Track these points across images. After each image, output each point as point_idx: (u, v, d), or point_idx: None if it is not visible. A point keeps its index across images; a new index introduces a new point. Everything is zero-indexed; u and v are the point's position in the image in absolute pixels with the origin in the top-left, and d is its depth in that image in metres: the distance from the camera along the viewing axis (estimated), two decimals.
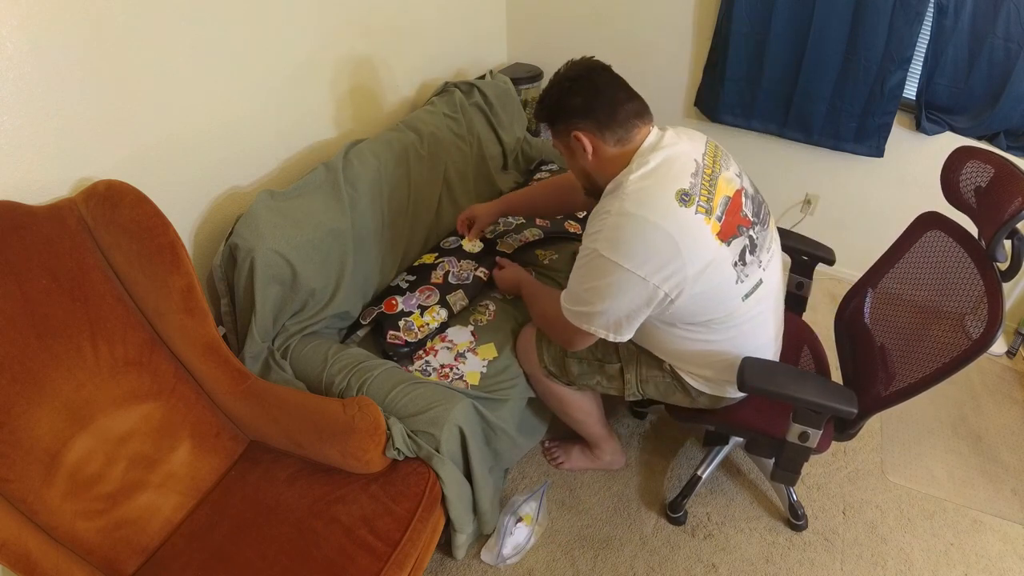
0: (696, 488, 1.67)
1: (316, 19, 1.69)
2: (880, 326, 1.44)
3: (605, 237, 1.11)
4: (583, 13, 2.48)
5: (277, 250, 1.42)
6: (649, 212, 1.09)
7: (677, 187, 1.11)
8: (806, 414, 1.24)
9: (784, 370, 1.24)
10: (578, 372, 1.45)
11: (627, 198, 1.11)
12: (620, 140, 1.18)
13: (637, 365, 1.41)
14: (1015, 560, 1.62)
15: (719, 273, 1.14)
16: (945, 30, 1.91)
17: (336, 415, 1.27)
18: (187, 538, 1.24)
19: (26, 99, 1.13)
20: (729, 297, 1.19)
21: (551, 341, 1.47)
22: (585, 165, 1.23)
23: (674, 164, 1.14)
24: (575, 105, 1.18)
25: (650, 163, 1.14)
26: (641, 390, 1.44)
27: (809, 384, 1.24)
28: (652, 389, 1.43)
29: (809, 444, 1.28)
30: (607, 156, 1.19)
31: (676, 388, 1.40)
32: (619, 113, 1.17)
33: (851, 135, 2.17)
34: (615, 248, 1.10)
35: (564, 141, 1.23)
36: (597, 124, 1.17)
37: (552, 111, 1.22)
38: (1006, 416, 2.03)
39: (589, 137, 1.18)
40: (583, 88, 1.18)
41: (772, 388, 1.21)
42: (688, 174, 1.13)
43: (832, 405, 1.20)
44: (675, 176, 1.12)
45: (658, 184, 1.11)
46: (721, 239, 1.13)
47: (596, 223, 1.15)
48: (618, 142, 1.18)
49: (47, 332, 1.13)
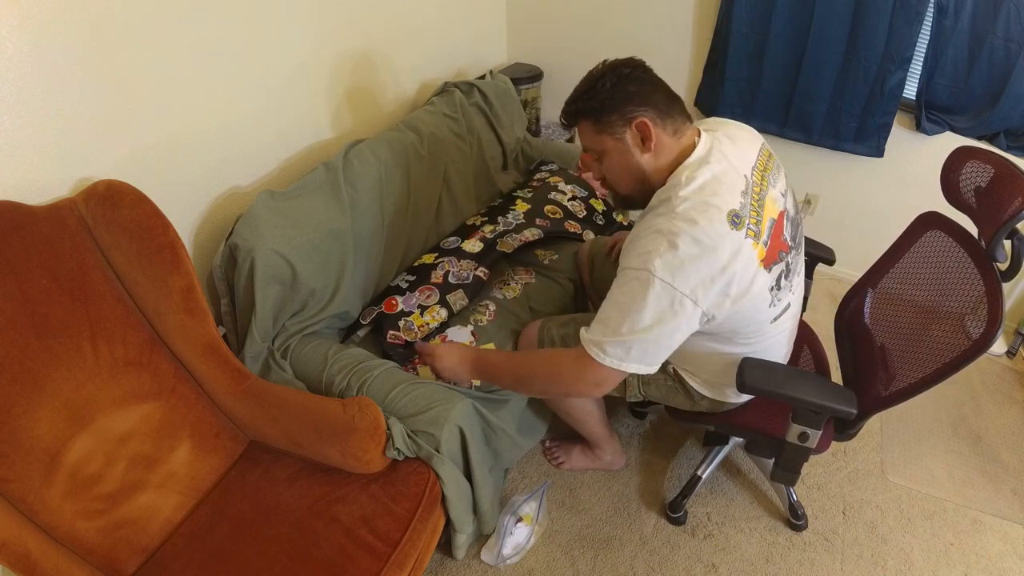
0: (696, 488, 1.67)
1: (316, 19, 1.69)
2: (880, 326, 1.44)
3: (662, 259, 1.03)
4: (583, 13, 2.48)
5: (277, 250, 1.42)
6: (704, 235, 1.03)
7: (729, 208, 1.05)
8: (805, 414, 1.24)
9: (783, 370, 1.24)
10: None
11: (678, 217, 1.05)
12: (676, 131, 1.13)
13: None
14: (1015, 560, 1.62)
15: (757, 297, 1.12)
16: (945, 30, 1.91)
17: (336, 415, 1.27)
18: (187, 538, 1.24)
19: (26, 99, 1.13)
20: (759, 320, 1.18)
21: (553, 342, 1.46)
22: (639, 162, 1.14)
23: (724, 181, 1.08)
24: (634, 92, 1.11)
25: (698, 179, 1.08)
26: (643, 392, 1.43)
27: (808, 384, 1.24)
28: (654, 391, 1.43)
29: (809, 444, 1.28)
30: (665, 148, 1.13)
31: (678, 391, 1.40)
32: (675, 103, 1.13)
33: (851, 135, 2.17)
34: (673, 271, 1.03)
35: (616, 134, 1.13)
36: (657, 112, 1.11)
37: (605, 100, 1.12)
38: (1006, 416, 2.03)
39: (652, 124, 1.10)
40: (639, 76, 1.12)
41: (771, 388, 1.21)
42: (738, 192, 1.08)
43: (831, 405, 1.20)
44: (725, 195, 1.07)
45: (709, 204, 1.05)
46: (764, 265, 1.10)
47: (646, 242, 1.06)
48: (675, 132, 1.13)
49: (47, 332, 1.13)
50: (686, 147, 1.14)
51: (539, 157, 2.37)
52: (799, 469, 1.38)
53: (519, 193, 2.07)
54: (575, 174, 2.22)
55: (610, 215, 2.08)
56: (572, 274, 1.88)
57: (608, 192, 1.26)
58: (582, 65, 2.90)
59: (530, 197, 2.03)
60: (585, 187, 2.12)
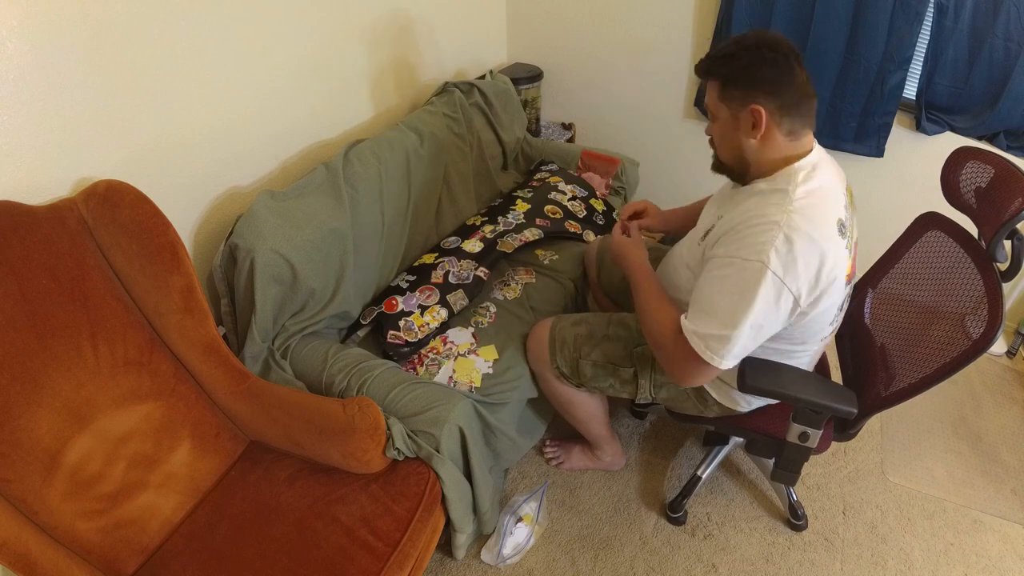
0: (696, 488, 1.67)
1: (316, 19, 1.69)
2: (880, 326, 1.44)
3: (777, 252, 1.01)
4: (583, 13, 2.48)
5: (277, 250, 1.42)
6: (818, 234, 1.03)
7: (838, 215, 1.06)
8: (806, 414, 1.24)
9: (784, 370, 1.24)
10: (591, 375, 1.44)
11: (795, 212, 1.03)
12: (792, 132, 1.09)
13: (652, 371, 1.40)
14: (1015, 560, 1.62)
15: (831, 310, 1.13)
16: (945, 30, 1.91)
17: (336, 415, 1.27)
18: (187, 538, 1.24)
19: (26, 99, 1.13)
20: (816, 333, 1.19)
21: (565, 342, 1.45)
22: (744, 142, 1.12)
23: (834, 191, 1.10)
24: (765, 77, 1.06)
25: (813, 181, 1.07)
26: (653, 394, 1.42)
27: (809, 384, 1.23)
28: (665, 394, 1.42)
29: (809, 444, 1.28)
30: (774, 143, 1.10)
31: (689, 395, 1.39)
32: (803, 105, 1.08)
33: (851, 135, 2.17)
34: (786, 265, 1.01)
35: (732, 108, 1.11)
36: (781, 106, 1.07)
37: (737, 72, 1.08)
38: (1006, 416, 2.03)
39: (768, 117, 1.07)
40: (779, 63, 1.06)
41: (772, 388, 1.20)
42: (843, 204, 1.10)
43: (832, 405, 1.20)
44: (836, 204, 1.08)
45: (824, 205, 1.06)
46: (847, 280, 1.12)
47: (757, 232, 1.04)
48: (790, 134, 1.09)
49: (47, 332, 1.13)
50: (800, 152, 1.11)
51: (539, 157, 2.37)
52: (799, 469, 1.38)
53: (519, 193, 2.07)
54: (575, 174, 2.22)
55: (610, 215, 2.08)
56: (572, 274, 1.88)
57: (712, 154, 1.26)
58: (582, 65, 2.92)
59: (530, 197, 2.03)
60: (585, 187, 2.12)
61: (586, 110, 2.72)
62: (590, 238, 1.94)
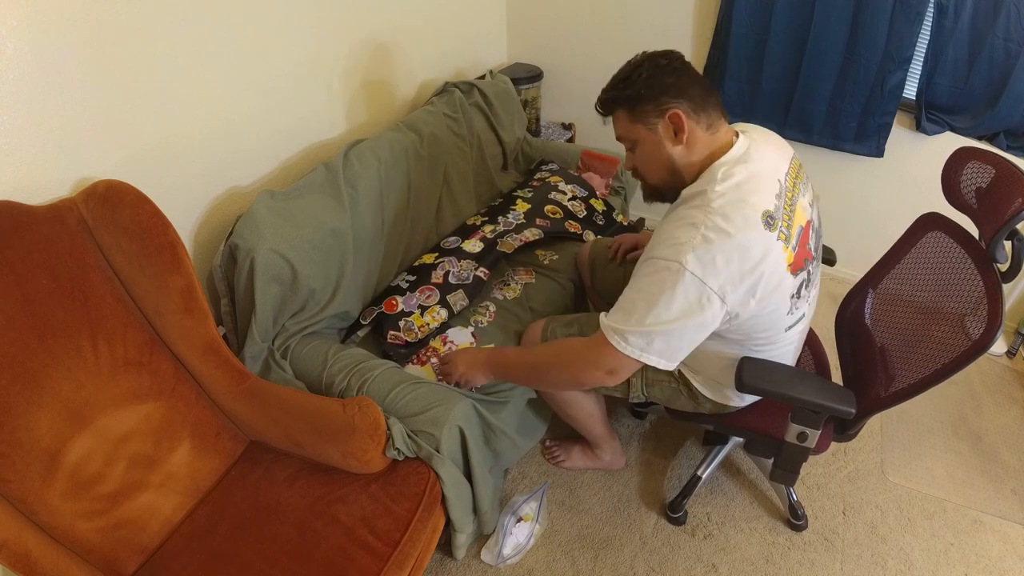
0: (696, 488, 1.67)
1: (316, 19, 1.69)
2: (880, 327, 1.44)
3: (695, 253, 1.03)
4: (583, 13, 2.48)
5: (277, 250, 1.42)
6: (738, 231, 1.03)
7: (764, 208, 1.06)
8: (804, 414, 1.24)
9: (782, 370, 1.24)
10: None
11: (714, 212, 1.04)
12: (711, 127, 1.12)
13: (644, 369, 1.39)
14: (1015, 560, 1.62)
15: (779, 303, 1.12)
16: (945, 30, 1.91)
17: (336, 415, 1.27)
18: (187, 538, 1.23)
19: (26, 99, 1.13)
20: (776, 326, 1.18)
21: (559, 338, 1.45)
22: (671, 154, 1.14)
23: (761, 181, 1.09)
24: (670, 83, 1.10)
25: (735, 176, 1.08)
26: (646, 392, 1.43)
27: (807, 384, 1.23)
28: (657, 392, 1.42)
29: (807, 444, 1.28)
30: (698, 142, 1.12)
31: (682, 393, 1.40)
32: (711, 98, 1.12)
33: (851, 135, 2.17)
34: (704, 266, 1.03)
35: (650, 125, 1.13)
36: (692, 105, 1.10)
37: (641, 89, 1.12)
38: (1006, 416, 2.03)
39: (686, 119, 1.10)
40: (676, 68, 1.11)
41: (770, 388, 1.20)
42: (773, 195, 1.08)
43: (830, 405, 1.19)
44: (761, 194, 1.07)
45: (746, 200, 1.05)
46: (791, 270, 1.10)
47: (680, 233, 1.06)
48: (709, 127, 1.12)
49: (47, 332, 1.13)
50: (722, 144, 1.13)
51: (539, 157, 2.37)
52: (798, 469, 1.38)
53: (519, 193, 2.07)
54: (575, 174, 2.22)
55: (610, 215, 2.08)
56: (572, 274, 1.88)
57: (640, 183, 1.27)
58: (582, 65, 2.92)
59: (530, 197, 2.03)
60: (585, 187, 2.12)
61: (586, 110, 2.71)
62: (590, 238, 1.94)
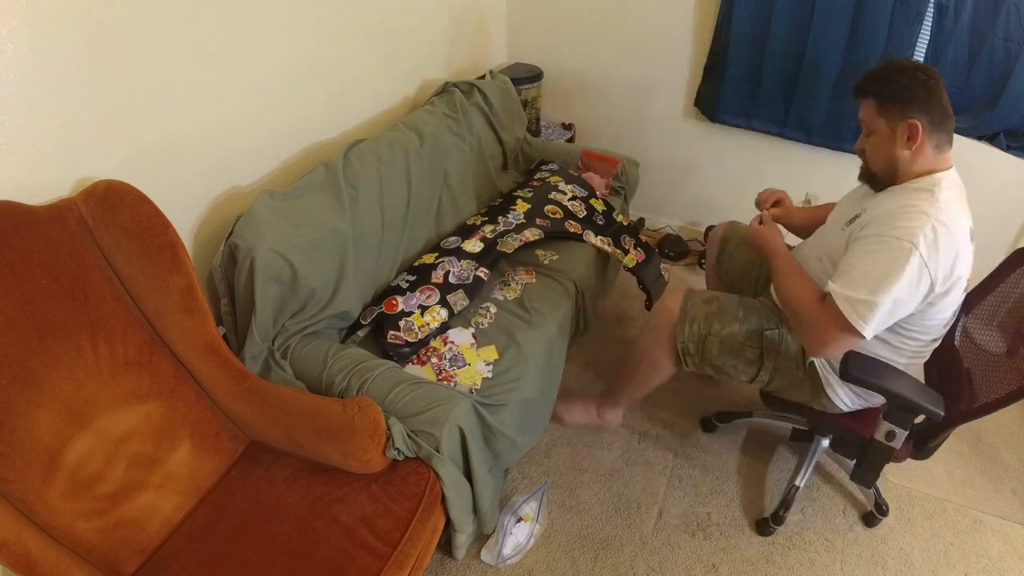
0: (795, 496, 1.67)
1: (316, 19, 1.69)
2: (968, 351, 1.48)
3: (925, 237, 1.16)
4: (583, 13, 2.48)
5: (277, 250, 1.42)
6: (958, 231, 1.19)
7: (968, 224, 1.24)
8: (896, 413, 1.29)
9: (883, 366, 1.31)
10: (717, 351, 1.51)
11: (942, 210, 1.18)
12: (938, 147, 1.26)
13: (776, 356, 1.47)
14: (1015, 560, 1.62)
15: (948, 310, 1.26)
16: (945, 30, 1.91)
17: (336, 415, 1.27)
18: (187, 538, 1.23)
19: (26, 99, 1.13)
20: (932, 332, 1.31)
21: (696, 317, 1.51)
22: (898, 153, 1.27)
23: (965, 206, 1.26)
24: (919, 96, 1.23)
25: (952, 191, 1.23)
26: (769, 381, 1.51)
27: (903, 381, 1.28)
28: (779, 381, 1.50)
29: (894, 444, 1.33)
30: (924, 155, 1.26)
31: (805, 384, 1.46)
32: (947, 123, 1.25)
33: (852, 135, 2.16)
34: (931, 249, 1.16)
35: (890, 122, 1.27)
36: (931, 122, 1.23)
37: (894, 91, 1.25)
38: (1006, 416, 2.03)
39: (923, 131, 1.23)
40: (931, 86, 1.24)
41: (871, 379, 1.27)
42: (969, 217, 1.26)
43: (923, 404, 1.24)
44: (967, 214, 1.25)
45: (962, 213, 1.23)
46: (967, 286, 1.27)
47: (908, 217, 1.19)
48: (937, 148, 1.25)
49: (47, 332, 1.13)
50: (942, 166, 1.27)
51: (539, 157, 2.37)
52: (879, 470, 1.44)
53: (519, 193, 2.07)
54: (575, 174, 2.22)
55: (610, 215, 2.08)
56: (572, 274, 1.88)
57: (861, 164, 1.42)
58: (582, 65, 2.91)
59: (530, 197, 2.03)
60: (585, 187, 2.12)
61: (586, 110, 2.72)
62: (590, 238, 1.94)
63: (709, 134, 2.50)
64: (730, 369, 1.53)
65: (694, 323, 1.52)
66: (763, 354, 1.48)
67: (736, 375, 1.53)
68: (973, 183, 2.12)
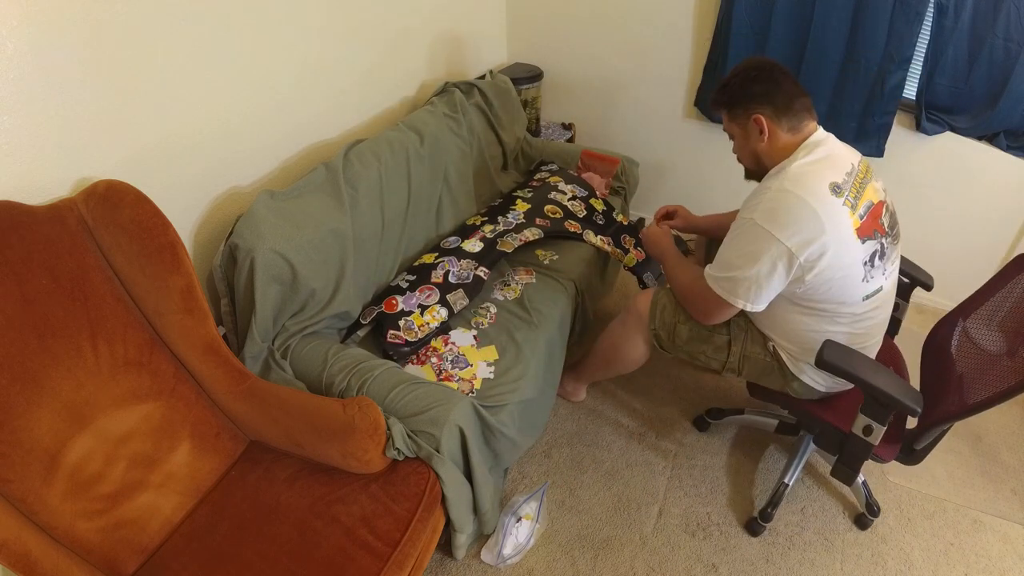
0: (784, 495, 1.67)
1: (316, 19, 1.69)
2: (963, 357, 1.48)
3: (762, 209, 1.26)
4: (583, 13, 2.48)
5: (277, 250, 1.42)
6: (804, 192, 1.24)
7: (832, 179, 1.26)
8: (873, 406, 1.30)
9: (860, 357, 1.32)
10: (687, 338, 1.56)
11: (787, 179, 1.27)
12: (792, 128, 1.33)
13: (744, 342, 1.52)
14: (1015, 560, 1.62)
15: (850, 262, 1.27)
16: (945, 30, 1.91)
17: (336, 415, 1.27)
18: (187, 538, 1.24)
19: (26, 99, 1.13)
20: (853, 292, 1.32)
21: (666, 307, 1.59)
22: (757, 147, 1.37)
23: (835, 160, 1.30)
24: (757, 92, 1.33)
25: (813, 154, 1.29)
26: (740, 366, 1.54)
27: (880, 375, 1.29)
28: (750, 367, 1.54)
29: (872, 440, 1.34)
30: (779, 141, 1.34)
31: (775, 369, 1.50)
32: (794, 104, 1.32)
33: (851, 135, 2.17)
34: (769, 219, 1.25)
35: (741, 124, 1.37)
36: (775, 110, 1.32)
37: (734, 95, 1.36)
38: (1006, 416, 2.03)
39: (767, 121, 1.32)
40: (765, 78, 1.33)
41: (847, 368, 1.29)
42: (843, 172, 1.29)
43: (898, 398, 1.25)
44: (832, 169, 1.28)
45: (816, 172, 1.27)
46: (858, 235, 1.27)
47: (756, 198, 1.31)
48: (790, 130, 1.33)
49: (47, 332, 1.13)
50: (799, 140, 1.33)
51: (539, 157, 2.37)
52: (859, 467, 1.44)
53: (519, 193, 2.07)
54: (575, 174, 2.22)
55: (610, 215, 2.08)
56: (572, 274, 1.88)
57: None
58: (582, 65, 2.91)
59: (530, 197, 2.03)
60: (585, 187, 2.12)
61: (586, 110, 2.72)
62: (590, 238, 1.94)
63: (709, 134, 2.50)
64: (701, 356, 1.57)
65: (664, 312, 1.58)
66: (731, 340, 1.52)
67: (707, 362, 1.58)
68: (973, 183, 2.15)
